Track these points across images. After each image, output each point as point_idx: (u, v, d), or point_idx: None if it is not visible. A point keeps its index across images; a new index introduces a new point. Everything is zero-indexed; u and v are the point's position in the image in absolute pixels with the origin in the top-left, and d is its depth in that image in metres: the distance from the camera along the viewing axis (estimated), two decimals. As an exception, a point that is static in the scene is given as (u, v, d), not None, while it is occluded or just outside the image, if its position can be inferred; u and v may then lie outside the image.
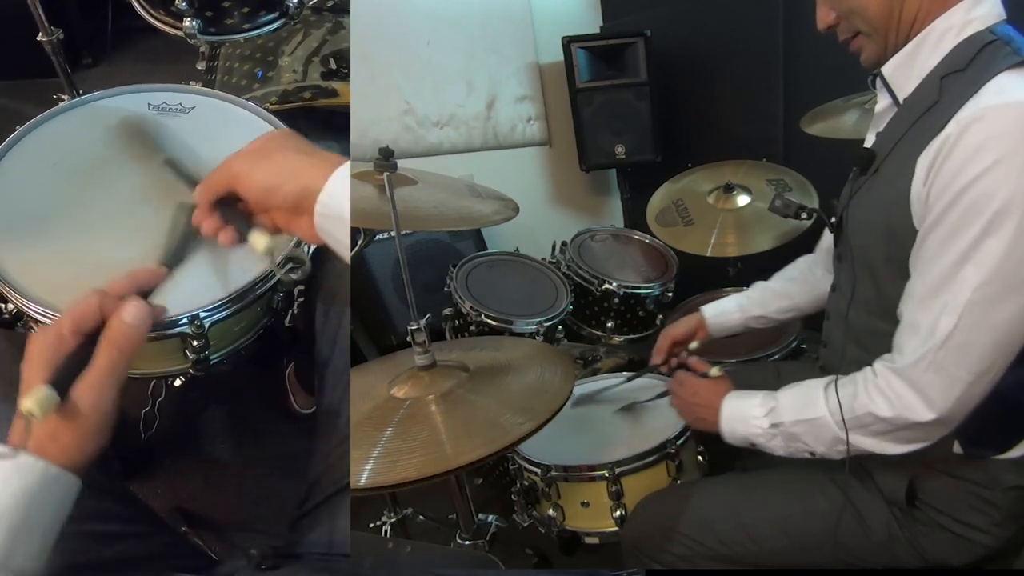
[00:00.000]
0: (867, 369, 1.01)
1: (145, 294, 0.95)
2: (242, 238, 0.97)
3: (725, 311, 1.47)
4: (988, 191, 0.85)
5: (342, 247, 0.93)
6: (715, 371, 1.27)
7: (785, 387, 1.11)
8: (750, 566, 1.16)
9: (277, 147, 0.95)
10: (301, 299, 1.26)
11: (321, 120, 1.85)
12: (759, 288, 1.47)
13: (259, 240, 0.95)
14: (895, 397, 0.95)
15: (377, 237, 2.06)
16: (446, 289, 1.88)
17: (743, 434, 1.13)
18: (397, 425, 1.00)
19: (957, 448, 1.02)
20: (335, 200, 0.88)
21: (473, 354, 1.25)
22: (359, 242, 1.44)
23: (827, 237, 1.37)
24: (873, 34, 1.01)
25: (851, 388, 1.01)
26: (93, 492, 1.08)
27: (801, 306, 1.42)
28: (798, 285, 1.42)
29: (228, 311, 1.14)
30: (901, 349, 0.96)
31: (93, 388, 0.83)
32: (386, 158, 1.22)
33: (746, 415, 1.12)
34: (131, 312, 0.86)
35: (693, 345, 1.46)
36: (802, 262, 1.45)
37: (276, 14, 1.56)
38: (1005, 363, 0.91)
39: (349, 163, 0.91)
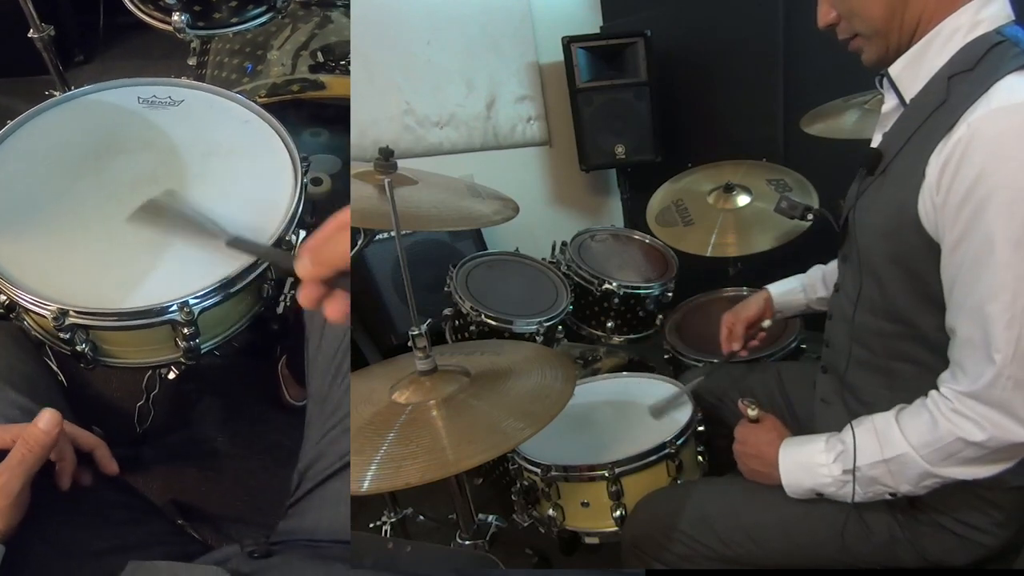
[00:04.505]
0: (934, 394, 0.97)
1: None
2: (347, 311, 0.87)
3: (791, 290, 1.46)
4: (1014, 193, 0.85)
5: None
6: (752, 412, 1.17)
7: (849, 427, 1.04)
8: (751, 566, 1.16)
9: None
10: (292, 291, 1.26)
11: (309, 112, 1.86)
12: (818, 269, 1.45)
13: None
14: (984, 420, 0.91)
15: (377, 237, 2.06)
16: (446, 289, 1.88)
17: (810, 486, 1.07)
18: (399, 431, 1.00)
19: (958, 448, 1.02)
20: None
21: (474, 358, 1.25)
22: (359, 242, 1.44)
23: None
24: (873, 36, 1.00)
25: (926, 416, 0.96)
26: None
27: None
28: None
29: (218, 298, 1.14)
30: (964, 368, 0.93)
31: (3, 475, 0.94)
32: (386, 158, 1.22)
33: (810, 463, 1.06)
34: (45, 419, 0.98)
35: (766, 323, 1.43)
36: None
37: (264, 8, 1.57)
38: None
39: None
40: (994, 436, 0.91)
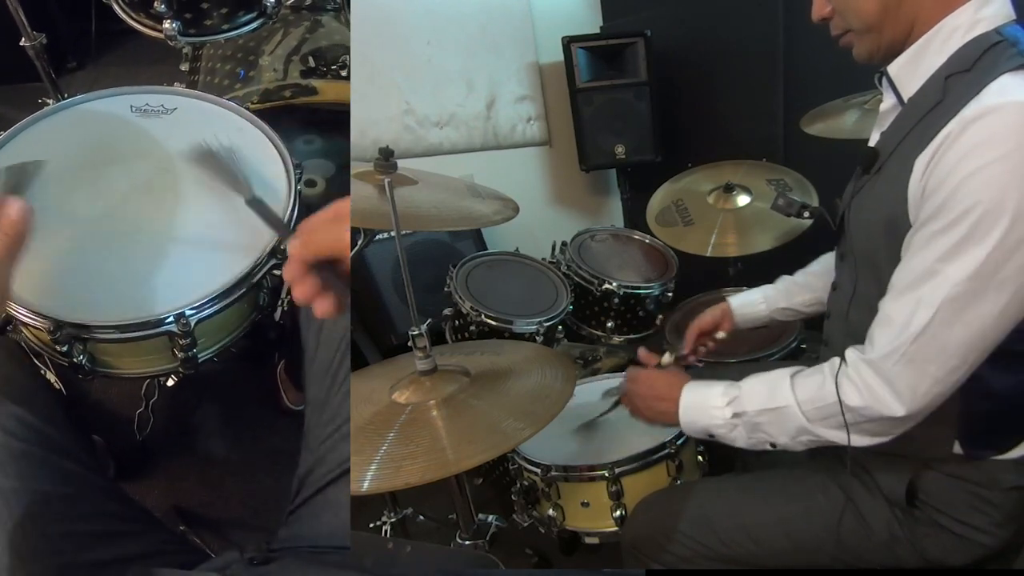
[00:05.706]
0: (836, 359, 1.01)
1: None
2: (341, 310, 0.85)
3: (751, 302, 1.46)
4: (981, 188, 0.85)
5: None
6: (667, 358, 1.25)
7: (749, 376, 1.09)
8: (751, 566, 1.16)
9: None
10: (289, 296, 1.27)
11: (302, 118, 1.87)
12: (784, 281, 1.45)
13: None
14: (865, 387, 0.95)
15: (377, 237, 2.06)
16: (446, 289, 1.88)
17: (703, 425, 1.10)
18: (399, 430, 1.00)
19: (957, 448, 1.02)
20: None
21: (474, 358, 1.25)
22: (359, 242, 1.44)
23: None
24: (865, 33, 1.00)
25: (818, 377, 1.01)
26: (87, 492, 1.09)
27: (825, 299, 1.41)
28: (822, 279, 1.40)
29: (214, 308, 1.14)
30: (873, 340, 0.96)
31: None
32: (386, 158, 1.22)
33: (706, 404, 1.10)
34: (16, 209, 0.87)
35: (720, 335, 1.44)
36: (826, 258, 1.44)
37: (255, 14, 1.58)
38: (976, 362, 0.91)
39: None
40: (870, 405, 0.94)
